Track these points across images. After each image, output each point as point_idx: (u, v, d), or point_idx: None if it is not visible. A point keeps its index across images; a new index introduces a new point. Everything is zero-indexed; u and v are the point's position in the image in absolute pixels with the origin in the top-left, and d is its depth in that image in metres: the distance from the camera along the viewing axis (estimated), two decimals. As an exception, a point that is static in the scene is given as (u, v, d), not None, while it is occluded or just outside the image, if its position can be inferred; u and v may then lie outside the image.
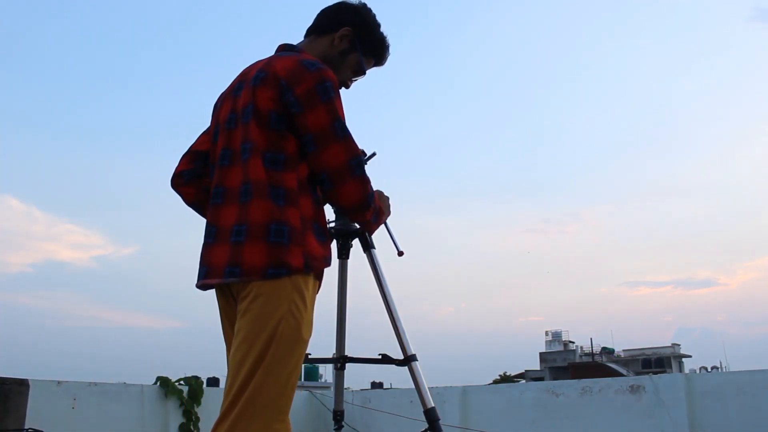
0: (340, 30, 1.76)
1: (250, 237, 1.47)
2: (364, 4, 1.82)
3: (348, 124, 1.57)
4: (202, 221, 1.69)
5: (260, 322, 1.43)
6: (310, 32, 1.81)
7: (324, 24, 1.79)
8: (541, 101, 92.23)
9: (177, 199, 1.79)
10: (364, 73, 1.84)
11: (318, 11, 1.83)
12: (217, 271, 1.53)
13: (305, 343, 1.49)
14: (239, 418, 1.39)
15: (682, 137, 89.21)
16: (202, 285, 1.60)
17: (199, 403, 6.43)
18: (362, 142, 2.15)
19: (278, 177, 1.51)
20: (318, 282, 1.57)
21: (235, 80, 1.72)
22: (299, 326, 1.45)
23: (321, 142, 1.53)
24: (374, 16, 1.82)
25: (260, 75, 1.59)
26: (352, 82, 1.84)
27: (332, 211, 2.38)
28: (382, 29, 1.83)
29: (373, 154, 2.39)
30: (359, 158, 1.56)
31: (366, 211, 1.62)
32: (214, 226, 1.58)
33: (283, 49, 1.75)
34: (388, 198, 1.95)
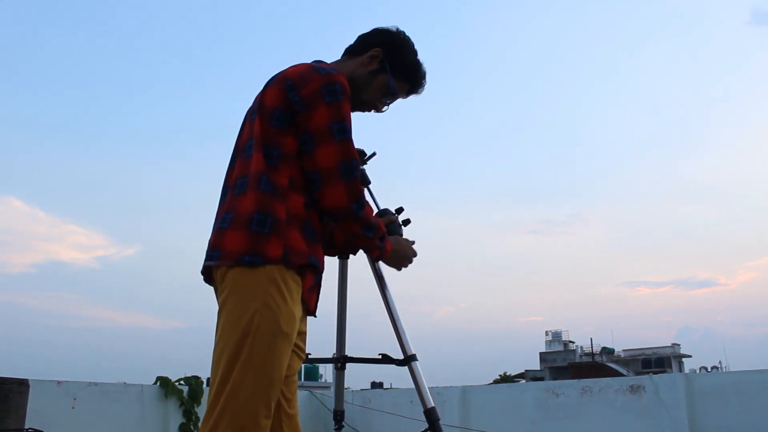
0: (370, 51, 1.77)
1: (233, 224, 1.49)
2: (400, 30, 1.82)
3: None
4: (204, 224, 1.71)
5: (235, 316, 1.42)
6: (345, 53, 1.84)
7: (357, 45, 1.81)
8: (542, 104, 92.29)
9: (178, 200, 1.80)
10: (395, 95, 1.83)
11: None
12: (207, 256, 1.56)
13: (287, 336, 1.45)
14: (221, 417, 1.37)
15: (683, 139, 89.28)
16: (202, 273, 1.61)
17: (199, 403, 6.43)
18: (369, 142, 2.13)
19: (271, 170, 1.52)
20: (303, 278, 1.53)
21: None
22: (277, 319, 1.43)
23: (316, 141, 1.53)
24: (410, 41, 1.82)
25: (274, 77, 1.63)
26: (383, 104, 1.84)
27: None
28: (419, 57, 1.82)
29: (373, 154, 2.39)
30: (352, 163, 1.55)
31: (350, 221, 1.58)
32: (215, 219, 1.61)
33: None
34: (411, 247, 1.86)
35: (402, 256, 1.83)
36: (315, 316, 1.67)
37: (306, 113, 1.54)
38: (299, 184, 1.56)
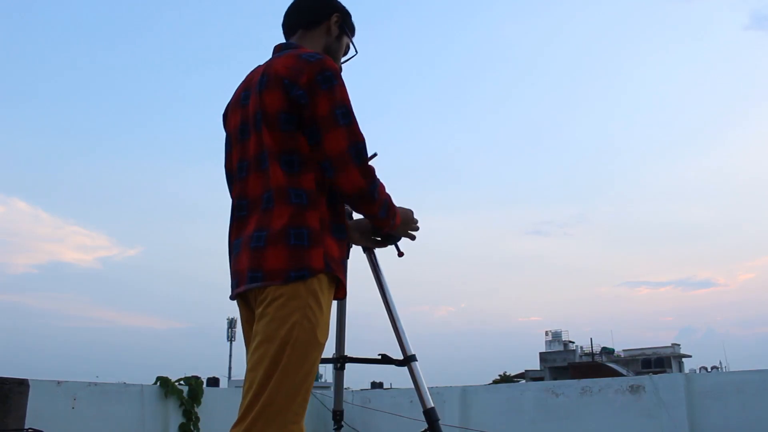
0: (331, 17, 1.79)
1: (270, 242, 1.48)
2: None
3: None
4: (204, 223, 1.70)
5: (275, 326, 1.43)
6: (296, 27, 1.80)
7: (313, 16, 1.79)
8: (544, 107, 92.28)
9: (180, 200, 1.80)
10: (355, 54, 1.90)
11: (291, 8, 1.83)
12: (242, 279, 1.54)
13: (321, 346, 1.48)
14: (255, 421, 1.40)
15: (684, 141, 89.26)
16: (235, 296, 1.61)
17: (199, 403, 6.43)
18: (371, 142, 2.14)
19: (296, 180, 1.51)
20: (334, 285, 1.56)
21: (239, 89, 1.72)
22: (314, 330, 1.45)
23: (322, 129, 1.52)
24: None
25: (264, 79, 1.59)
26: (341, 64, 1.87)
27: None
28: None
29: (375, 155, 2.39)
30: (359, 145, 1.54)
31: (370, 202, 1.58)
32: (240, 237, 1.58)
33: (281, 48, 1.75)
34: (412, 212, 1.88)
35: (408, 222, 1.85)
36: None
37: (308, 105, 1.52)
38: (325, 184, 1.56)
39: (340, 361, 2.26)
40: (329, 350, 2.32)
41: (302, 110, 1.53)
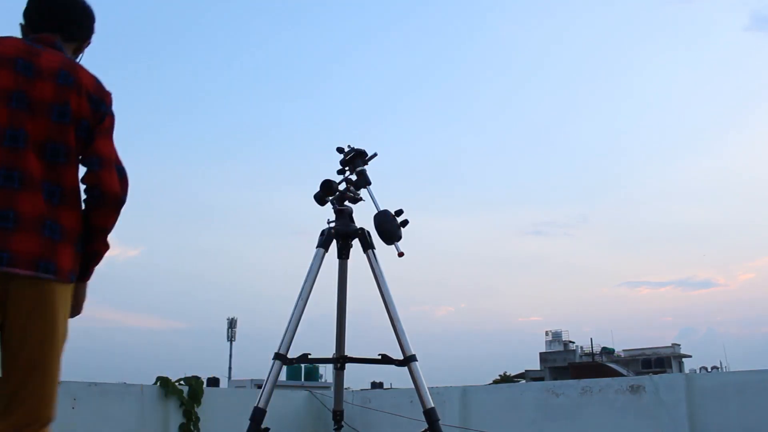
0: (87, 42, 1.83)
1: (64, 239, 1.57)
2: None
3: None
4: (205, 223, 1.73)
5: (56, 326, 1.56)
6: (52, 29, 1.71)
7: (76, 30, 1.78)
8: (544, 107, 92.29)
9: (181, 200, 1.82)
10: None
11: (79, 10, 1.77)
12: (27, 261, 1.47)
13: None
14: (49, 405, 1.58)
15: (683, 141, 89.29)
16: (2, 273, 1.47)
17: (199, 403, 6.43)
18: (371, 142, 2.14)
19: (77, 186, 1.64)
20: None
21: (7, 50, 1.58)
22: (67, 326, 1.63)
23: (102, 134, 1.67)
24: None
25: (69, 78, 1.62)
26: None
27: (332, 211, 2.38)
28: None
29: (374, 155, 2.41)
30: (122, 168, 1.70)
31: (115, 213, 1.67)
32: (8, 210, 1.47)
33: (47, 41, 1.68)
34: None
35: (80, 305, 1.73)
36: None
37: (105, 121, 1.69)
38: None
39: (340, 361, 2.26)
40: (330, 350, 2.31)
41: (101, 120, 1.67)
